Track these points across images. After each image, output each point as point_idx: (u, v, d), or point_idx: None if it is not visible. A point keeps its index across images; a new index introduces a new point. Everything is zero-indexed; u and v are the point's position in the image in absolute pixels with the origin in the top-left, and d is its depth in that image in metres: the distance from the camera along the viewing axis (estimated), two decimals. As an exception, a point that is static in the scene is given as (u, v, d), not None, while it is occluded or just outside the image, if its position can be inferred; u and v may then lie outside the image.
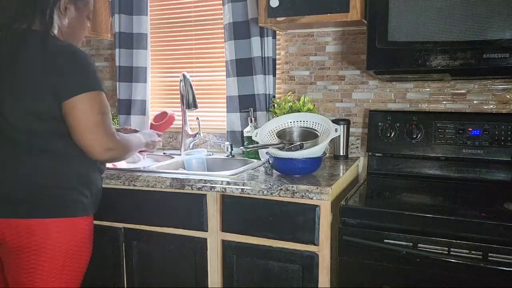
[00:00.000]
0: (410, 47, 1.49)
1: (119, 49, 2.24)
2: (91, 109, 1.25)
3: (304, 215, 1.41)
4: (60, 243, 1.29)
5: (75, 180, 1.33)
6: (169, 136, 2.35)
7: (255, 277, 1.51)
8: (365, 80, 1.95)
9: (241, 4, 1.98)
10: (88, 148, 1.28)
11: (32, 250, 1.27)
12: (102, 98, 1.28)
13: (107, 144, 1.29)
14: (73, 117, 1.24)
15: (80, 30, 1.42)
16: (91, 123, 1.25)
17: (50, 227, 1.28)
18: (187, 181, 1.54)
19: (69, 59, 1.25)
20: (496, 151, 1.66)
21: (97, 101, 1.26)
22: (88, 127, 1.25)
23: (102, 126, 1.28)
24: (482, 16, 1.39)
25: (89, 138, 1.26)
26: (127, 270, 1.69)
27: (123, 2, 2.21)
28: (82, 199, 1.34)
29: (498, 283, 1.19)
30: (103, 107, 1.28)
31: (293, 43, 2.05)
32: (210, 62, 2.26)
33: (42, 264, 1.28)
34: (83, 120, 1.25)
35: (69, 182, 1.32)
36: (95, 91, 1.26)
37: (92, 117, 1.25)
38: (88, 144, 1.27)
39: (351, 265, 1.36)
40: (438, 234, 1.25)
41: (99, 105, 1.27)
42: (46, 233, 1.27)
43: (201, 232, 1.57)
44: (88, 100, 1.25)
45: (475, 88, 1.79)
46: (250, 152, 1.98)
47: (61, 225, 1.30)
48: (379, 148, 1.83)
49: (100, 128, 1.27)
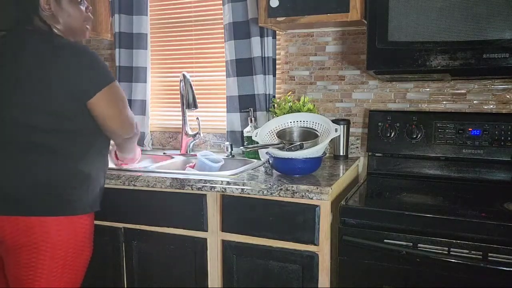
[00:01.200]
0: (410, 47, 1.49)
1: (119, 49, 2.24)
2: (116, 98, 1.37)
3: (304, 215, 1.41)
4: (60, 241, 1.29)
5: (76, 178, 1.33)
6: (169, 136, 2.36)
7: (255, 277, 1.51)
8: (365, 80, 1.95)
9: (241, 4, 1.98)
10: (121, 130, 1.42)
11: (32, 248, 1.27)
12: (119, 86, 1.40)
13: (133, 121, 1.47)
14: (103, 109, 1.34)
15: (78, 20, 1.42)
16: (120, 109, 1.38)
17: (50, 225, 1.28)
18: (187, 181, 1.54)
19: (83, 58, 1.29)
20: (496, 151, 1.66)
21: (117, 90, 1.38)
22: (118, 114, 1.38)
23: (127, 108, 1.42)
24: (482, 16, 1.39)
25: (120, 122, 1.40)
26: (127, 270, 1.69)
27: (123, 2, 2.21)
28: (83, 197, 1.34)
29: (498, 283, 1.19)
30: (122, 94, 1.41)
31: (293, 43, 2.05)
32: (210, 62, 2.26)
33: (42, 263, 1.28)
34: (112, 109, 1.36)
35: (70, 180, 1.32)
36: (112, 82, 1.35)
37: (119, 104, 1.38)
38: (121, 127, 1.41)
39: (351, 265, 1.36)
40: (438, 234, 1.25)
41: (120, 93, 1.39)
42: (46, 231, 1.27)
43: (201, 232, 1.57)
44: (110, 91, 1.34)
45: (475, 88, 1.79)
46: (250, 152, 1.98)
47: (61, 223, 1.30)
48: (379, 148, 1.83)
49: (128, 110, 1.42)
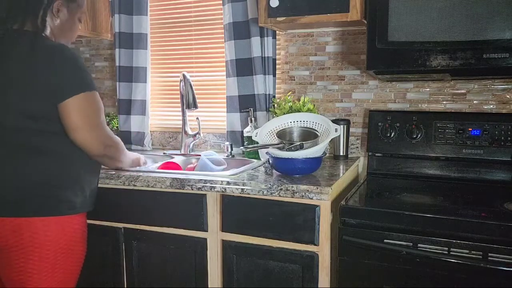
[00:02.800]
0: (410, 47, 1.49)
1: (119, 49, 2.24)
2: (88, 109, 1.28)
3: (304, 215, 1.41)
4: (48, 241, 1.29)
5: (66, 179, 1.33)
6: (169, 136, 2.36)
7: (255, 277, 1.51)
8: (365, 80, 1.95)
9: (241, 4, 1.98)
10: (87, 146, 1.31)
11: (21, 249, 1.27)
12: (97, 98, 1.32)
13: (106, 141, 1.34)
14: (71, 117, 1.26)
15: (71, 31, 1.43)
16: (90, 122, 1.29)
17: (37, 226, 1.27)
18: (187, 181, 1.54)
19: (63, 60, 1.27)
20: (496, 151, 1.66)
21: (93, 100, 1.30)
22: (86, 126, 1.28)
23: (100, 124, 1.32)
24: (482, 16, 1.39)
25: (88, 136, 1.29)
26: (127, 270, 1.69)
27: (123, 2, 2.21)
28: (73, 198, 1.33)
29: (498, 283, 1.19)
30: (98, 107, 1.31)
31: (293, 43, 2.05)
32: (210, 62, 2.25)
33: (32, 263, 1.28)
34: (81, 119, 1.27)
35: (59, 181, 1.31)
36: (90, 91, 1.29)
37: (90, 116, 1.29)
38: (87, 142, 1.30)
39: (351, 265, 1.36)
40: (438, 234, 1.25)
41: (95, 104, 1.30)
42: (33, 232, 1.27)
43: (201, 232, 1.57)
44: (84, 100, 1.28)
45: (475, 88, 1.79)
46: (250, 152, 1.98)
47: (49, 223, 1.29)
48: (379, 148, 1.83)
49: (99, 126, 1.31)
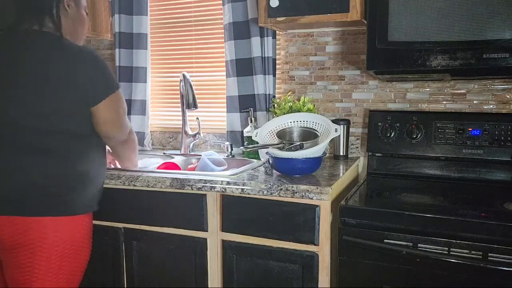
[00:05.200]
0: (410, 47, 1.49)
1: (119, 49, 2.24)
2: (117, 106, 1.42)
3: (304, 215, 1.41)
4: (57, 241, 1.29)
5: (74, 178, 1.33)
6: (169, 136, 2.36)
7: (255, 277, 1.51)
8: (365, 80, 1.95)
9: (241, 4, 1.98)
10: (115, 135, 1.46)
11: (29, 248, 1.27)
12: (122, 96, 1.45)
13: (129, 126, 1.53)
14: (101, 116, 1.37)
15: (81, 27, 1.47)
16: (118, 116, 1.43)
17: (47, 225, 1.28)
18: (187, 181, 1.54)
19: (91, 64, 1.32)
20: (496, 151, 1.66)
21: (120, 97, 1.43)
22: (116, 121, 1.42)
23: (125, 115, 1.47)
24: (482, 16, 1.39)
25: (115, 127, 1.44)
26: (127, 270, 1.69)
27: (123, 2, 2.21)
28: (80, 197, 1.34)
29: (498, 283, 1.19)
30: (123, 101, 1.45)
31: (293, 43, 2.05)
32: (210, 62, 2.26)
33: (39, 263, 1.28)
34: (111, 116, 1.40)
35: (67, 181, 1.32)
36: (117, 90, 1.40)
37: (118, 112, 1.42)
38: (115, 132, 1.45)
39: (351, 265, 1.36)
40: (438, 234, 1.25)
41: (121, 100, 1.44)
42: (43, 231, 1.28)
43: (201, 232, 1.57)
44: (115, 100, 1.39)
45: (475, 88, 1.79)
46: (250, 152, 1.98)
47: (59, 223, 1.30)
48: (379, 148, 1.83)
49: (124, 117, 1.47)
